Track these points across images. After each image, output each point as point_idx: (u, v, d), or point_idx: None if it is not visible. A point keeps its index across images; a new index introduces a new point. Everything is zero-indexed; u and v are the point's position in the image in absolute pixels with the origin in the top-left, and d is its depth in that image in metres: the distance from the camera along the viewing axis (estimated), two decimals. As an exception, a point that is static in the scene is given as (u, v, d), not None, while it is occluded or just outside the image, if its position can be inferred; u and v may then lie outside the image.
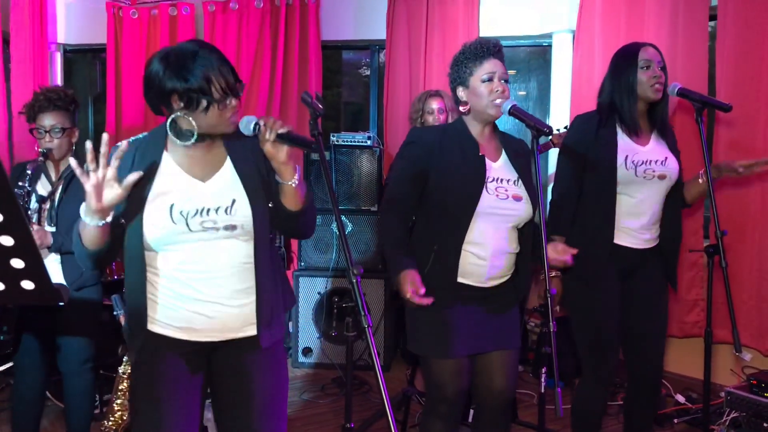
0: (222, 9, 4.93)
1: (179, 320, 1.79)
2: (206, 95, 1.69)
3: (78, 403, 2.79)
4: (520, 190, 2.24)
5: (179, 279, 1.77)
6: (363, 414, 3.51)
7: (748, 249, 3.54)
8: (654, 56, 2.48)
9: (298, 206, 1.81)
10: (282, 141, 1.69)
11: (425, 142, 2.26)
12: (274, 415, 1.91)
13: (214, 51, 1.74)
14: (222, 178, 1.81)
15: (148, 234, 1.73)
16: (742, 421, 3.09)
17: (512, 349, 2.33)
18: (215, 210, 1.75)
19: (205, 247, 1.76)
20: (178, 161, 1.80)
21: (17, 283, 1.28)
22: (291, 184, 1.76)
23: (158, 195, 1.74)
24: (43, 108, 2.62)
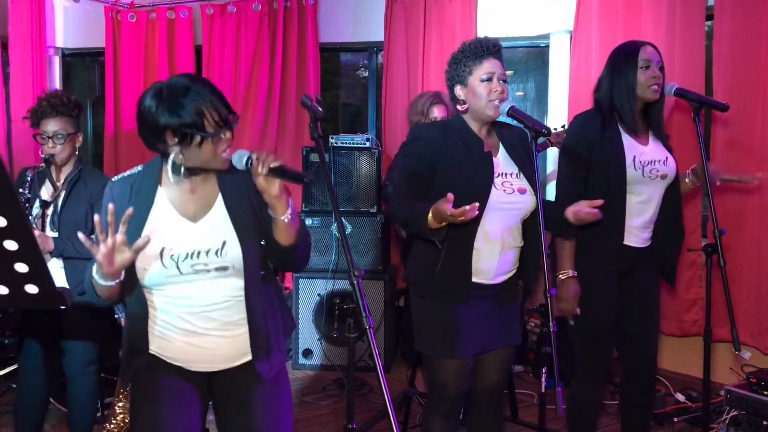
0: (220, 12, 4.94)
1: (173, 351, 1.83)
2: (200, 130, 1.69)
3: (81, 405, 2.80)
4: (524, 183, 2.25)
5: (171, 312, 1.79)
6: (364, 415, 3.52)
7: (746, 248, 3.55)
8: (653, 56, 2.48)
9: (291, 241, 1.80)
10: (274, 175, 1.68)
11: (431, 138, 2.24)
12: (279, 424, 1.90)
13: (206, 85, 1.74)
14: (213, 217, 1.81)
15: (140, 276, 1.76)
16: (741, 420, 3.09)
17: (513, 345, 2.35)
18: (206, 252, 1.76)
19: (196, 288, 1.78)
20: (171, 198, 1.81)
21: (21, 287, 1.29)
22: (283, 219, 1.75)
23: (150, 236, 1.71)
24: (46, 114, 2.63)
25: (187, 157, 1.73)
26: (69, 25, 5.18)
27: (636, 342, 2.63)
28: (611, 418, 3.51)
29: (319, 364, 4.33)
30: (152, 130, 1.72)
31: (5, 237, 1.21)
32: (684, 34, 3.72)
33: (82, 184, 2.69)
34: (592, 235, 2.51)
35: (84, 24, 5.17)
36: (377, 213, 4.26)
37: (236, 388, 1.87)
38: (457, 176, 2.18)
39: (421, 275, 2.28)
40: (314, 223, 4.32)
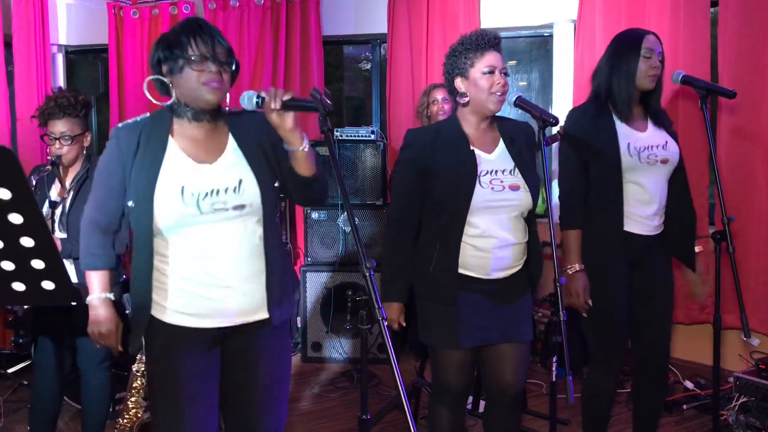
0: (223, 6, 4.94)
1: (191, 307, 1.81)
2: (183, 54, 1.74)
3: (95, 401, 2.82)
4: (517, 179, 2.22)
5: (191, 265, 1.78)
6: (374, 407, 3.53)
7: (755, 234, 3.54)
8: (655, 45, 2.47)
9: (312, 171, 1.83)
10: (288, 108, 1.71)
11: (420, 143, 2.26)
12: (278, 397, 1.95)
13: (205, 23, 1.79)
14: (227, 158, 1.83)
15: (159, 218, 1.74)
16: (751, 406, 3.10)
17: (523, 341, 2.32)
18: (224, 190, 1.77)
19: (216, 231, 1.78)
20: (183, 146, 1.82)
21: (38, 284, 1.30)
22: (302, 150, 1.78)
23: (167, 179, 1.76)
24: (53, 115, 2.62)
25: (177, 89, 1.78)
26: (72, 22, 5.18)
27: (649, 331, 2.62)
28: (621, 407, 3.52)
29: (328, 357, 4.35)
30: (154, 68, 1.80)
31: (22, 234, 1.22)
32: (688, 21, 3.70)
33: (90, 184, 2.69)
34: (597, 226, 2.52)
35: (87, 21, 5.17)
36: (383, 205, 4.26)
37: (244, 341, 1.89)
38: (443, 177, 2.19)
39: (418, 274, 2.31)
40: (321, 216, 4.32)
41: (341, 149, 4.26)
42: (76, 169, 2.72)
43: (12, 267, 1.27)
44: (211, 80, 1.75)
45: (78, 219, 2.63)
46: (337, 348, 4.33)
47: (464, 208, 2.16)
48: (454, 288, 2.21)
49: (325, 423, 3.50)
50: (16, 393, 3.78)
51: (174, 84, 1.78)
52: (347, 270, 4.27)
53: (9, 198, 1.17)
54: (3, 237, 1.23)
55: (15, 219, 1.20)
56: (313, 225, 4.34)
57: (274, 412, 1.94)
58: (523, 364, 2.35)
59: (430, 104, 3.63)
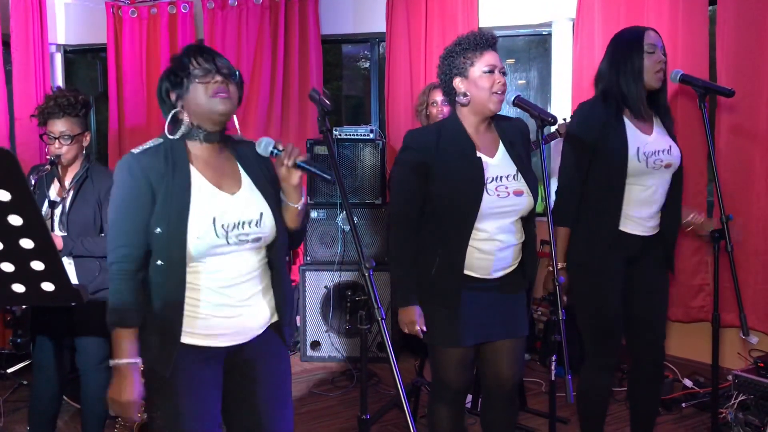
0: (221, 6, 4.93)
1: (203, 328, 1.80)
2: (186, 73, 1.76)
3: (94, 401, 2.81)
4: (520, 184, 2.23)
5: (208, 287, 1.79)
6: (373, 406, 3.54)
7: (752, 233, 3.55)
8: (657, 40, 2.47)
9: (296, 225, 1.91)
10: (301, 170, 1.76)
11: (421, 145, 2.25)
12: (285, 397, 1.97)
13: (201, 44, 1.83)
14: (246, 191, 1.85)
15: (192, 246, 1.72)
16: (750, 404, 3.10)
17: (520, 336, 2.35)
18: (248, 223, 1.80)
19: (234, 256, 1.80)
20: (203, 172, 1.82)
21: (38, 285, 1.30)
22: (296, 207, 1.85)
23: (198, 209, 1.75)
24: (52, 114, 2.62)
25: (187, 108, 1.78)
26: (70, 22, 5.18)
27: (644, 329, 2.63)
28: (619, 405, 3.52)
29: (327, 356, 4.35)
30: (164, 102, 1.82)
31: (21, 235, 1.22)
32: (687, 20, 3.70)
33: (89, 183, 2.69)
34: (593, 225, 2.53)
35: (85, 20, 5.17)
36: (382, 204, 4.26)
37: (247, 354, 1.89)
38: (449, 183, 2.19)
39: (419, 278, 2.29)
40: (320, 215, 4.33)
41: (340, 148, 4.26)
42: (75, 169, 2.72)
43: (12, 268, 1.27)
44: (218, 90, 1.75)
45: (78, 218, 2.65)
46: (337, 347, 4.33)
47: (472, 216, 2.17)
48: (458, 292, 2.22)
49: (325, 422, 3.51)
50: (15, 393, 3.78)
51: (184, 106, 1.78)
52: (346, 269, 4.27)
53: (9, 200, 1.17)
54: (3, 238, 1.23)
55: (15, 221, 1.20)
56: (312, 224, 4.34)
57: (281, 413, 1.95)
58: (519, 358, 2.38)
59: (429, 105, 3.63)
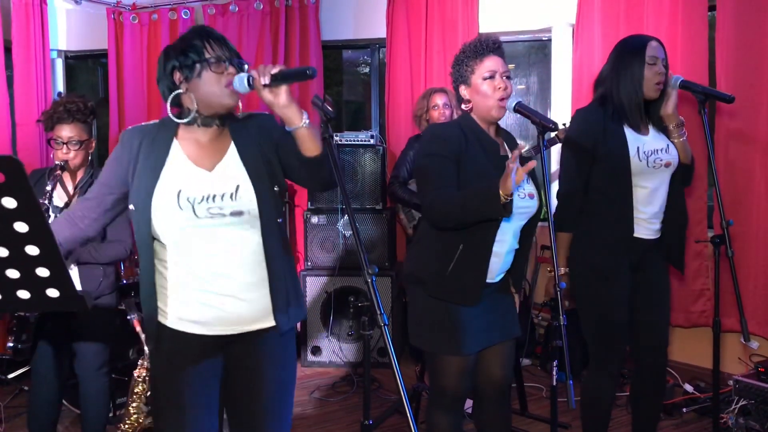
0: (222, 11, 4.96)
1: (191, 314, 1.81)
2: (200, 58, 1.74)
3: (94, 406, 2.82)
4: (532, 188, 2.26)
5: (191, 272, 1.78)
6: (375, 411, 3.53)
7: (753, 238, 3.56)
8: (659, 52, 2.48)
9: (318, 149, 1.76)
10: (277, 82, 1.68)
11: (452, 136, 2.19)
12: (283, 404, 1.95)
13: (213, 30, 1.82)
14: (226, 165, 1.83)
15: (155, 222, 1.75)
16: (751, 409, 3.11)
17: (511, 339, 2.37)
18: (221, 196, 1.77)
19: (214, 239, 1.77)
20: (187, 151, 1.83)
21: (43, 292, 1.31)
22: (303, 126, 1.74)
23: (165, 183, 1.77)
24: (62, 119, 2.63)
25: (195, 93, 1.77)
26: (71, 28, 5.19)
27: (647, 334, 2.64)
28: (620, 410, 3.52)
29: (328, 361, 4.35)
30: (165, 80, 1.81)
31: (27, 242, 1.22)
32: (686, 25, 3.72)
33: None
34: (603, 229, 2.53)
35: (86, 26, 5.19)
36: (383, 210, 4.27)
37: (248, 348, 1.88)
38: (476, 177, 2.15)
39: (431, 274, 2.25)
40: (320, 221, 4.33)
41: (341, 154, 4.26)
42: (80, 175, 2.73)
43: (17, 275, 1.28)
44: (231, 82, 1.76)
45: None
46: (338, 352, 4.33)
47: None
48: (480, 289, 2.20)
49: (326, 427, 3.50)
50: (16, 398, 3.78)
51: (190, 89, 1.78)
52: (347, 274, 4.28)
53: (14, 207, 1.18)
54: (8, 245, 1.24)
55: (20, 228, 1.20)
56: (312, 229, 4.35)
57: (279, 418, 1.94)
58: (511, 359, 2.40)
59: (430, 109, 3.63)
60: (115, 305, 2.82)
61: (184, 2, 5.02)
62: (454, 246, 2.20)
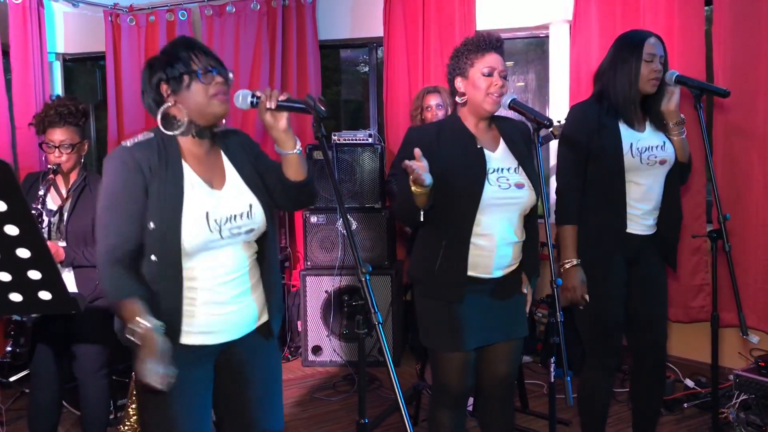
0: (219, 12, 4.96)
1: (198, 326, 1.81)
2: (187, 69, 1.74)
3: (94, 408, 2.83)
4: (522, 177, 2.25)
5: (202, 285, 1.79)
6: (375, 410, 3.54)
7: (751, 232, 3.55)
8: (657, 49, 2.49)
9: (303, 176, 1.85)
10: (283, 109, 1.72)
11: (422, 141, 2.25)
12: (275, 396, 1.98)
13: (197, 41, 1.82)
14: (232, 183, 1.85)
15: (186, 241, 1.72)
16: (751, 403, 3.10)
17: (519, 338, 2.36)
18: (240, 216, 1.81)
19: (226, 251, 1.81)
20: (195, 168, 1.83)
21: (35, 294, 1.31)
22: (294, 153, 1.80)
23: (192, 205, 1.75)
24: (53, 123, 2.63)
25: (184, 105, 1.77)
26: (69, 30, 5.20)
27: (646, 330, 2.64)
28: (621, 406, 3.53)
29: (329, 360, 4.36)
30: (151, 93, 1.79)
31: (18, 245, 1.23)
32: (683, 20, 3.71)
33: (87, 192, 2.70)
34: (597, 225, 2.53)
35: (84, 28, 5.19)
36: (382, 208, 4.27)
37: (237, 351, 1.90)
38: (451, 174, 2.19)
39: (422, 273, 2.31)
40: (319, 220, 4.33)
41: (339, 153, 4.27)
42: (73, 178, 2.73)
43: (9, 278, 1.28)
44: (218, 92, 1.77)
45: (76, 227, 2.65)
46: (338, 351, 4.33)
47: (474, 206, 2.17)
48: (462, 284, 2.22)
49: (326, 426, 3.51)
50: (17, 401, 3.79)
51: (179, 101, 1.77)
52: (347, 274, 4.28)
53: (5, 210, 1.18)
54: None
55: (11, 230, 1.21)
56: (312, 229, 4.35)
57: (272, 411, 1.97)
58: (516, 358, 2.40)
59: (423, 110, 3.64)
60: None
61: (181, 3, 5.02)
62: (438, 243, 2.23)
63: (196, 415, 1.84)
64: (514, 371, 2.41)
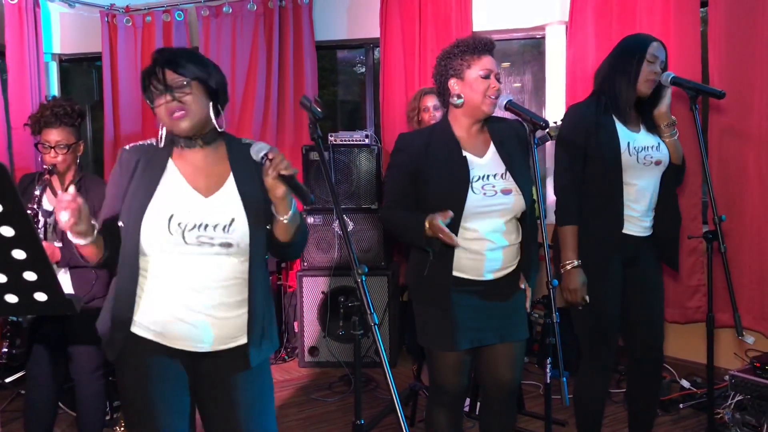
0: (215, 13, 4.95)
1: (158, 324, 1.81)
2: (147, 95, 1.79)
3: (90, 409, 2.82)
4: (509, 183, 2.24)
5: (167, 285, 1.79)
6: (371, 411, 3.54)
7: (747, 233, 3.56)
8: (660, 53, 2.53)
9: (287, 239, 1.85)
10: (282, 182, 1.71)
11: (411, 148, 2.28)
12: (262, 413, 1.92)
13: (166, 51, 1.82)
14: (224, 195, 1.83)
15: (143, 240, 1.76)
16: (747, 404, 3.11)
17: (518, 340, 2.35)
18: (213, 227, 1.77)
19: (199, 264, 1.78)
20: (183, 171, 1.83)
21: (30, 296, 1.31)
22: (283, 220, 1.79)
23: (158, 204, 1.77)
24: (49, 123, 2.62)
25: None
26: (65, 31, 5.19)
27: (643, 331, 2.64)
28: (617, 407, 3.53)
29: (325, 361, 4.36)
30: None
31: (14, 246, 1.23)
32: (679, 22, 3.72)
33: (83, 193, 2.69)
34: (593, 225, 2.54)
35: (80, 29, 5.19)
36: (378, 209, 4.27)
37: (220, 375, 1.87)
38: (436, 182, 2.20)
39: (413, 278, 2.34)
40: (316, 220, 4.34)
41: (336, 153, 4.27)
42: (69, 178, 2.72)
43: (4, 279, 1.28)
44: (172, 110, 1.77)
45: None
46: (335, 352, 4.34)
47: (457, 214, 2.17)
48: (448, 292, 2.22)
49: (323, 427, 3.51)
50: (13, 402, 3.78)
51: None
52: (344, 274, 4.28)
53: (0, 211, 1.18)
54: (-5, 250, 1.24)
55: (6, 232, 1.21)
56: (309, 230, 4.34)
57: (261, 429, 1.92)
58: (518, 362, 2.37)
59: (421, 111, 3.63)
60: None
61: (178, 4, 5.02)
62: (425, 252, 2.23)
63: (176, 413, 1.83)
64: (517, 375, 2.38)
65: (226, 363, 1.87)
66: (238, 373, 1.87)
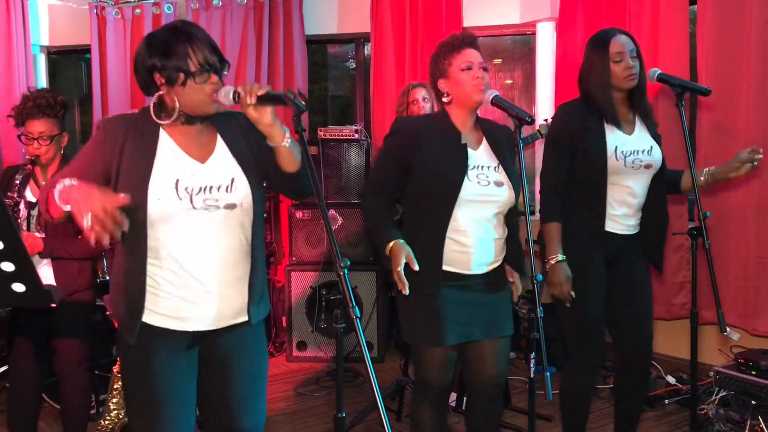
0: (205, 6, 4.94)
1: (170, 309, 1.80)
2: (183, 68, 1.72)
3: (74, 403, 2.80)
4: (501, 176, 2.26)
5: (177, 266, 1.77)
6: (357, 405, 3.55)
7: (733, 231, 3.58)
8: (625, 46, 2.48)
9: (297, 166, 1.81)
10: (263, 103, 1.70)
11: (409, 131, 2.27)
12: (256, 395, 1.95)
13: (196, 28, 1.78)
14: (219, 158, 1.83)
15: (152, 208, 1.72)
16: (730, 400, 3.14)
17: (504, 336, 2.35)
18: (217, 188, 1.78)
19: (205, 233, 1.77)
20: (176, 140, 1.82)
21: (8, 287, 1.30)
22: (284, 145, 1.77)
23: (161, 171, 1.75)
24: (31, 114, 2.61)
25: (178, 98, 1.76)
26: (54, 23, 5.16)
27: (631, 329, 2.64)
28: (603, 402, 3.55)
29: (313, 356, 4.36)
30: (143, 73, 1.78)
31: (-10, 237, 1.22)
32: (667, 19, 3.73)
33: None
34: (576, 223, 2.54)
35: (69, 21, 5.15)
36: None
37: (221, 342, 1.88)
38: (433, 168, 2.20)
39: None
40: (305, 216, 4.33)
41: (325, 148, 4.26)
42: (53, 170, 2.70)
43: (-19, 270, 1.27)
44: (213, 91, 1.75)
45: None
46: (322, 347, 4.33)
47: (452, 200, 2.18)
48: (438, 278, 2.22)
49: (309, 422, 3.51)
50: (-1, 396, 3.76)
51: (173, 93, 1.76)
52: (332, 269, 4.26)
53: (-24, 201, 1.17)
54: (-29, 240, 1.23)
55: (-18, 222, 1.20)
56: (297, 224, 4.34)
57: (253, 411, 1.95)
58: (503, 358, 2.37)
59: (410, 104, 3.63)
60: (93, 301, 2.80)
61: (168, -3, 5.00)
62: (416, 236, 2.23)
63: (179, 405, 1.82)
64: (502, 371, 2.38)
65: (228, 335, 1.87)
66: (236, 340, 1.88)
